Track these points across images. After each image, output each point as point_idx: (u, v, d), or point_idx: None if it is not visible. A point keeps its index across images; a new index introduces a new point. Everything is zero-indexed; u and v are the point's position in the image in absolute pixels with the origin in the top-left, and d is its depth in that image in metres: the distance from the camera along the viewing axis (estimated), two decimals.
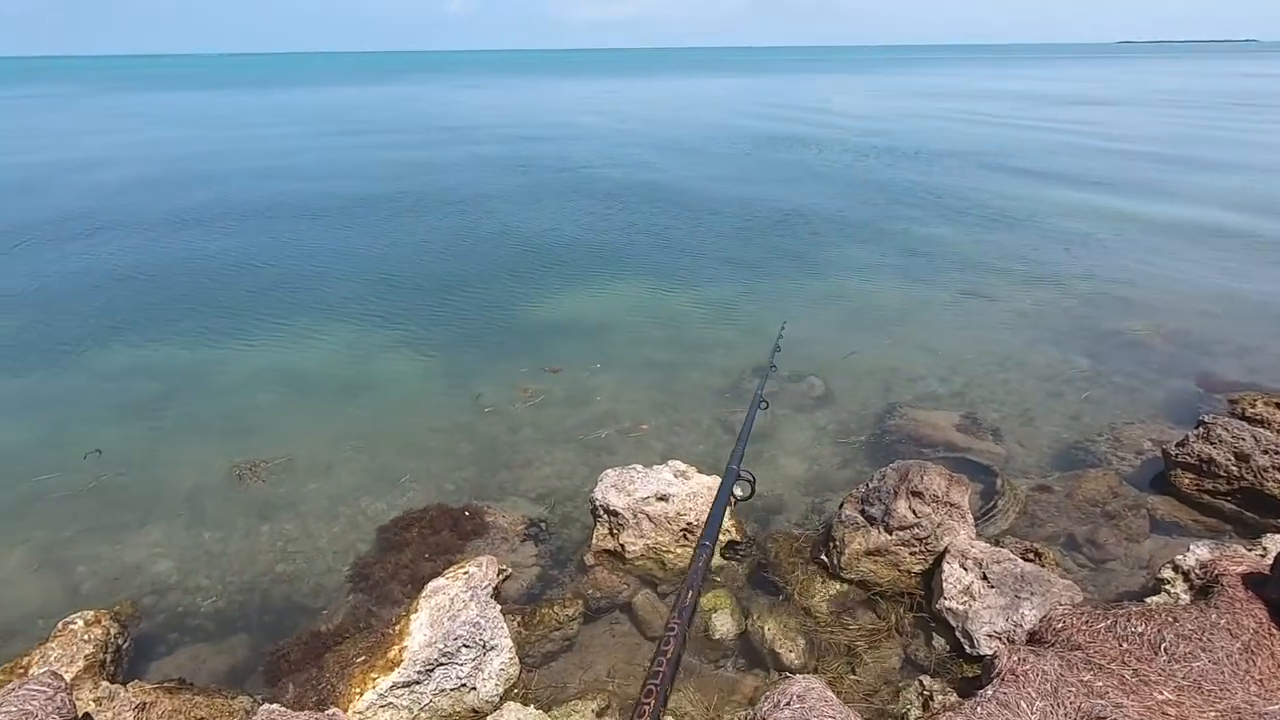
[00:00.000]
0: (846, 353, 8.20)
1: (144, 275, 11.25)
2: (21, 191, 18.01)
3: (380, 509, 5.54)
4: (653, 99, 49.06)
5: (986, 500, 5.11)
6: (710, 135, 27.63)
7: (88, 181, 19.26)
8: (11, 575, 4.85)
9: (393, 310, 9.67)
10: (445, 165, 21.44)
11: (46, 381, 7.71)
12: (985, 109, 37.34)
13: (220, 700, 3.63)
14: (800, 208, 15.14)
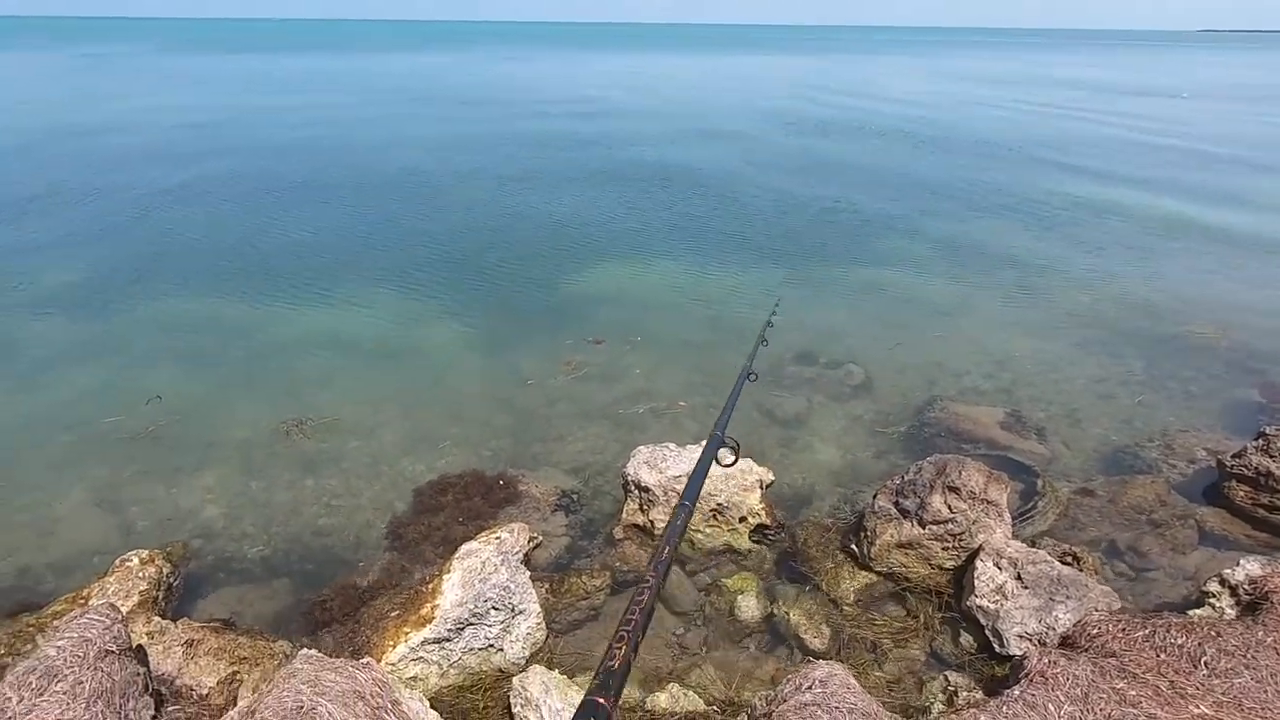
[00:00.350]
0: (890, 344, 8.04)
1: (202, 234, 11.64)
2: (86, 146, 18.73)
3: (418, 471, 5.69)
4: (695, 78, 48.32)
5: (1026, 500, 4.99)
6: (754, 117, 27.13)
7: (151, 141, 19.92)
8: (73, 511, 5.13)
9: (437, 280, 9.82)
10: (490, 138, 21.53)
11: (110, 328, 8.08)
12: (1050, 98, 35.79)
13: (262, 643, 3.81)
14: (848, 196, 14.79)
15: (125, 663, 3.13)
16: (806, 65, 62.03)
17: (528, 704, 3.17)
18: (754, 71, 52.41)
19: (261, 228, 12.02)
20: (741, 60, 66.47)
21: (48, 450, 5.77)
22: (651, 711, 3.32)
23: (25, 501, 5.17)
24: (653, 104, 30.63)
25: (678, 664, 3.87)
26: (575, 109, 28.44)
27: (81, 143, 19.31)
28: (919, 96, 35.92)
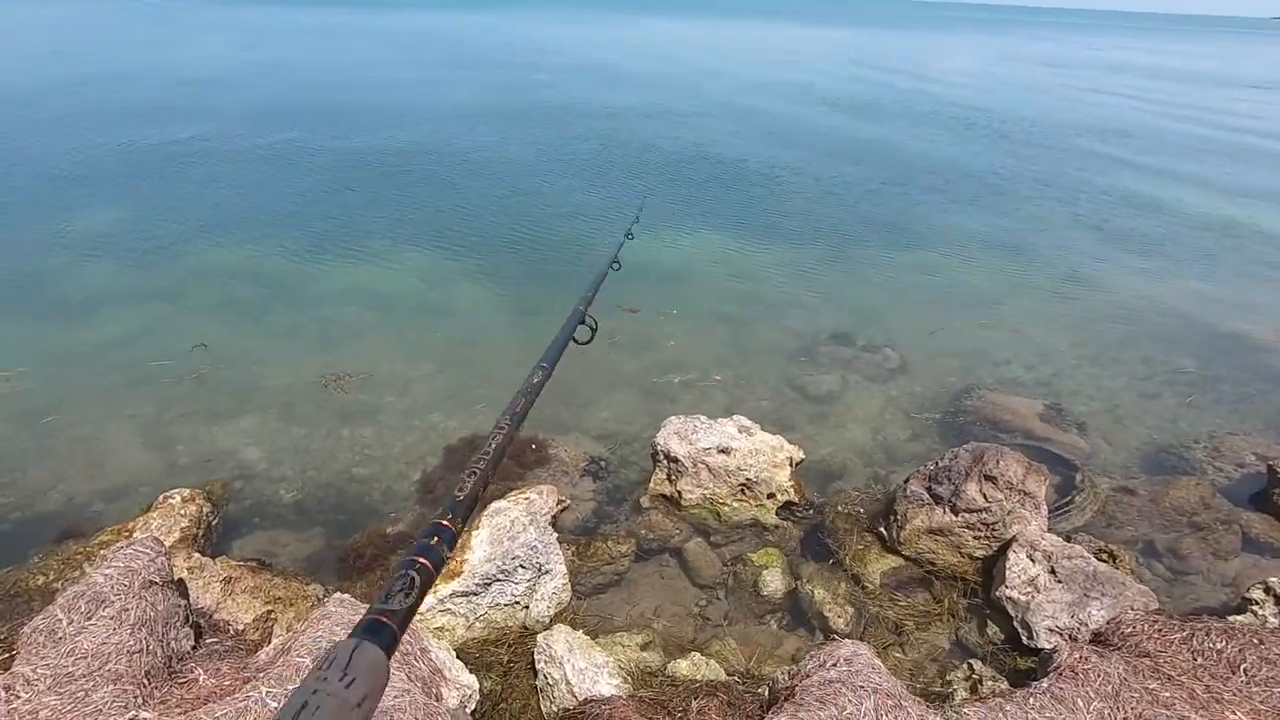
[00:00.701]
0: (931, 328, 7.86)
1: (247, 187, 11.78)
2: (125, 96, 19.01)
3: (450, 428, 5.76)
4: (734, 48, 47.14)
5: (1063, 494, 4.88)
6: (794, 91, 26.41)
7: (200, 95, 20.13)
8: (120, 446, 5.31)
9: (472, 242, 9.82)
10: (521, 105, 21.33)
11: (158, 274, 8.26)
12: (1113, 85, 34.22)
13: (296, 584, 3.92)
14: (893, 177, 14.38)
15: (167, 594, 3.24)
16: (848, 38, 60.06)
17: (552, 660, 3.22)
18: (793, 43, 50.96)
19: (304, 184, 12.12)
20: (780, 30, 64.64)
21: (98, 387, 5.96)
22: (672, 677, 3.35)
23: (76, 434, 5.36)
24: (688, 74, 30.01)
25: (699, 634, 3.90)
26: (610, 79, 28.00)
27: (120, 93, 19.59)
28: (970, 77, 34.65)
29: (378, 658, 0.60)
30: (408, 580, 0.73)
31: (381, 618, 0.66)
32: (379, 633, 0.63)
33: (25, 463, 5.02)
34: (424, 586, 0.73)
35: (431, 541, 0.81)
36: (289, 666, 2.73)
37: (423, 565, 0.76)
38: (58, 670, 2.70)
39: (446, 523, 0.85)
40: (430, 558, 0.78)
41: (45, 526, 4.47)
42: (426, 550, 0.79)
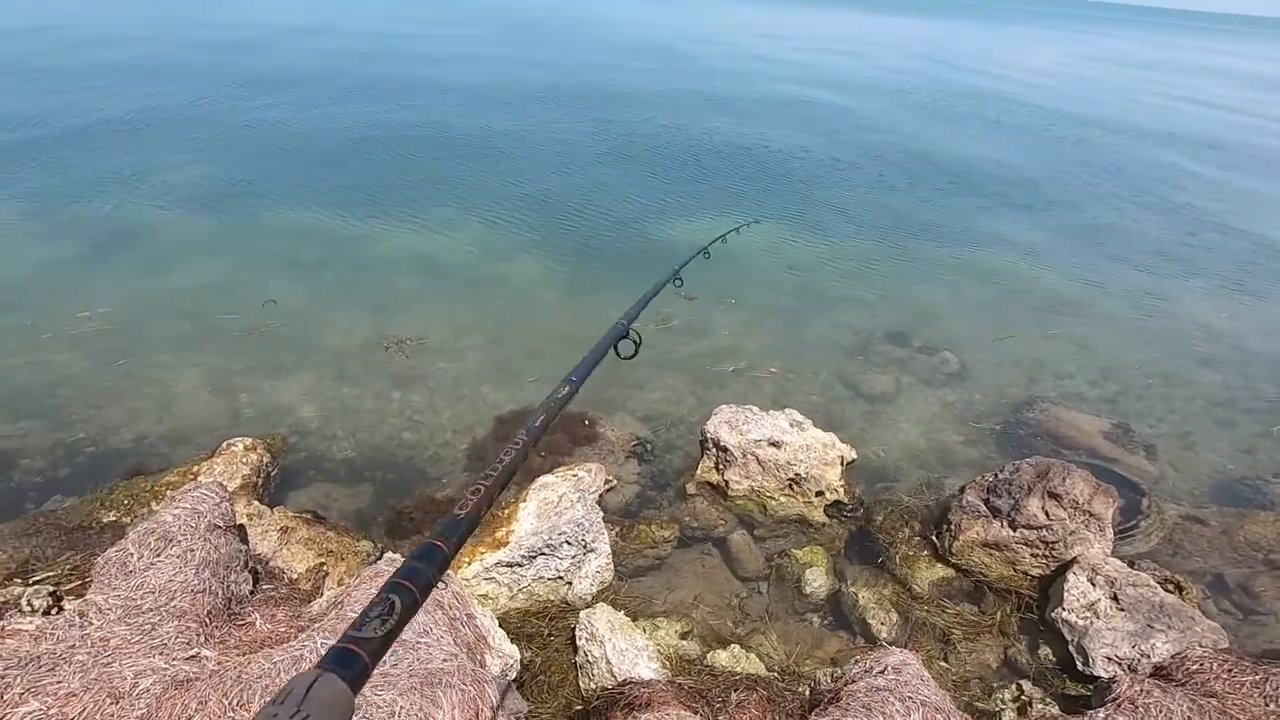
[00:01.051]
0: (995, 334, 7.59)
1: (318, 151, 12.03)
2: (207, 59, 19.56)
3: (498, 400, 5.81)
4: (810, 34, 45.95)
5: (1127, 518, 4.67)
6: (863, 83, 25.64)
7: (278, 61, 20.60)
8: (188, 392, 5.51)
9: (532, 217, 9.84)
10: (593, 83, 21.22)
11: (229, 229, 8.52)
12: (1209, 92, 32.31)
13: (348, 539, 4.02)
14: (971, 172, 13.87)
15: (229, 538, 3.35)
16: (921, 29, 57.96)
17: (593, 638, 3.23)
18: (864, 33, 49.45)
19: (373, 152, 12.29)
20: (850, 18, 62.77)
21: (170, 334, 6.18)
22: (711, 667, 3.33)
23: (148, 377, 5.58)
24: (751, 60, 29.41)
25: (738, 627, 3.87)
26: (674, 63, 27.63)
27: (202, 56, 20.15)
28: (1052, 76, 33.11)
29: (340, 692, 0.57)
30: (388, 605, 0.68)
31: (352, 646, 0.62)
32: (347, 663, 0.60)
33: (101, 400, 5.26)
34: (405, 613, 0.69)
35: (420, 564, 0.75)
36: (342, 620, 2.80)
37: (407, 589, 0.71)
38: (128, 602, 2.82)
39: (440, 544, 0.79)
40: (416, 581, 0.72)
41: (116, 462, 4.68)
42: (413, 573, 0.74)
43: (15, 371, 5.46)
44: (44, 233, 7.91)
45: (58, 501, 4.22)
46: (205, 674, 2.53)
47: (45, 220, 8.21)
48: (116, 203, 8.87)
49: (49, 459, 4.69)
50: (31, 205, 8.53)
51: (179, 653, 2.62)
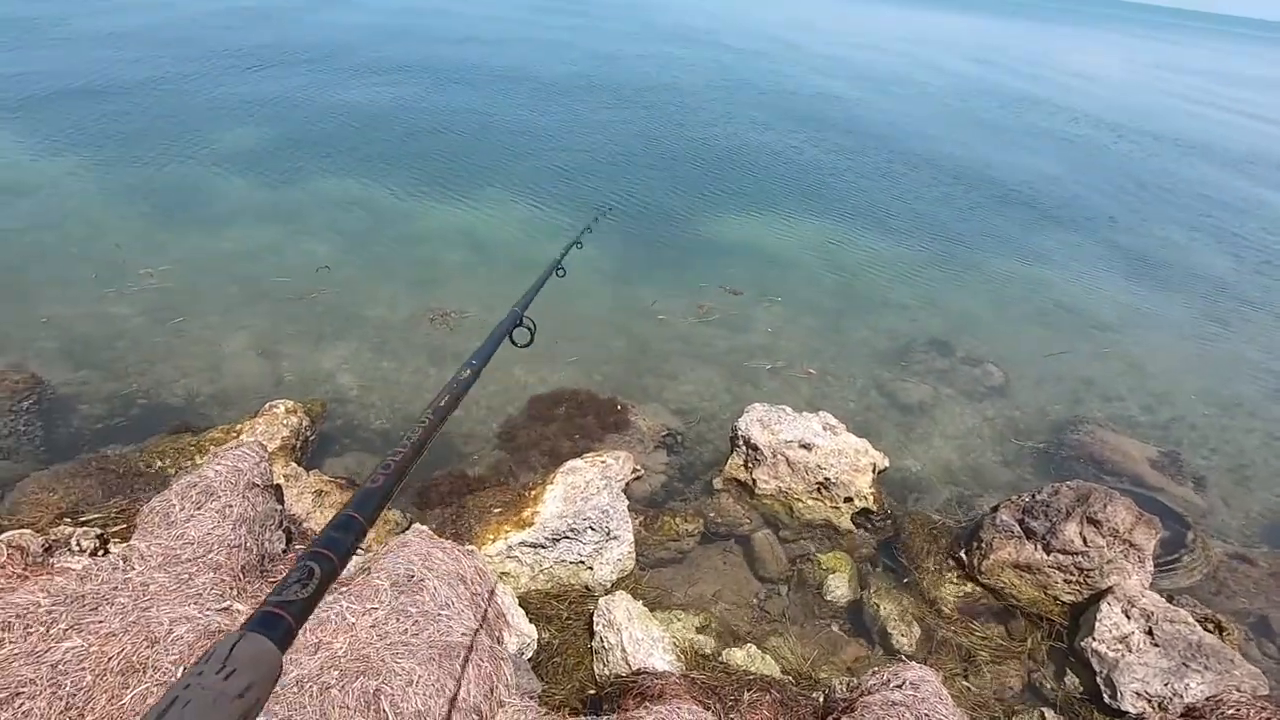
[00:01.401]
0: (1046, 349, 7.36)
1: (375, 125, 12.22)
2: (276, 31, 19.99)
3: (533, 380, 5.86)
4: (860, 31, 44.84)
5: (1169, 550, 4.50)
6: (924, 82, 24.93)
7: (340, 35, 20.96)
8: (235, 352, 5.69)
9: (580, 200, 9.85)
10: (639, 69, 21.09)
11: (285, 196, 8.73)
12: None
13: None
14: (1030, 183, 13.41)
15: (266, 497, 3.46)
16: (988, 28, 56.06)
17: (610, 626, 3.25)
18: (926, 30, 48.04)
19: (428, 129, 12.45)
20: (911, 14, 60.99)
21: (223, 295, 6.38)
22: (725, 664, 3.32)
23: (198, 336, 5.77)
24: (809, 57, 28.83)
25: (756, 626, 3.85)
26: (734, 59, 27.25)
27: (268, 26, 20.59)
28: (1122, 84, 31.75)
29: (265, 649, 0.58)
30: (306, 571, 0.69)
31: (275, 610, 0.63)
32: (270, 625, 0.61)
33: (156, 356, 5.46)
34: (325, 579, 0.70)
35: (338, 534, 0.78)
36: (368, 586, 2.86)
37: (326, 557, 0.73)
38: (168, 551, 2.93)
39: (357, 515, 0.82)
40: (335, 550, 0.74)
41: (166, 416, 4.86)
42: (332, 543, 0.76)
43: (78, 322, 5.70)
44: (112, 190, 8.21)
45: (111, 449, 4.41)
46: (236, 626, 2.62)
47: (113, 178, 8.52)
48: (180, 165, 9.15)
49: (105, 408, 4.90)
50: (101, 164, 8.86)
51: (213, 604, 2.71)
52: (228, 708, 0.50)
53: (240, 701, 0.52)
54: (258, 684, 0.54)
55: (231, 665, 0.54)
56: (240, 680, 0.53)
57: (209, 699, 0.50)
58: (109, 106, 10.86)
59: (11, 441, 4.39)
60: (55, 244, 6.84)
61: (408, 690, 2.39)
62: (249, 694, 0.53)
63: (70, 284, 6.19)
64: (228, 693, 0.52)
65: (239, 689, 0.52)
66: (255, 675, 0.54)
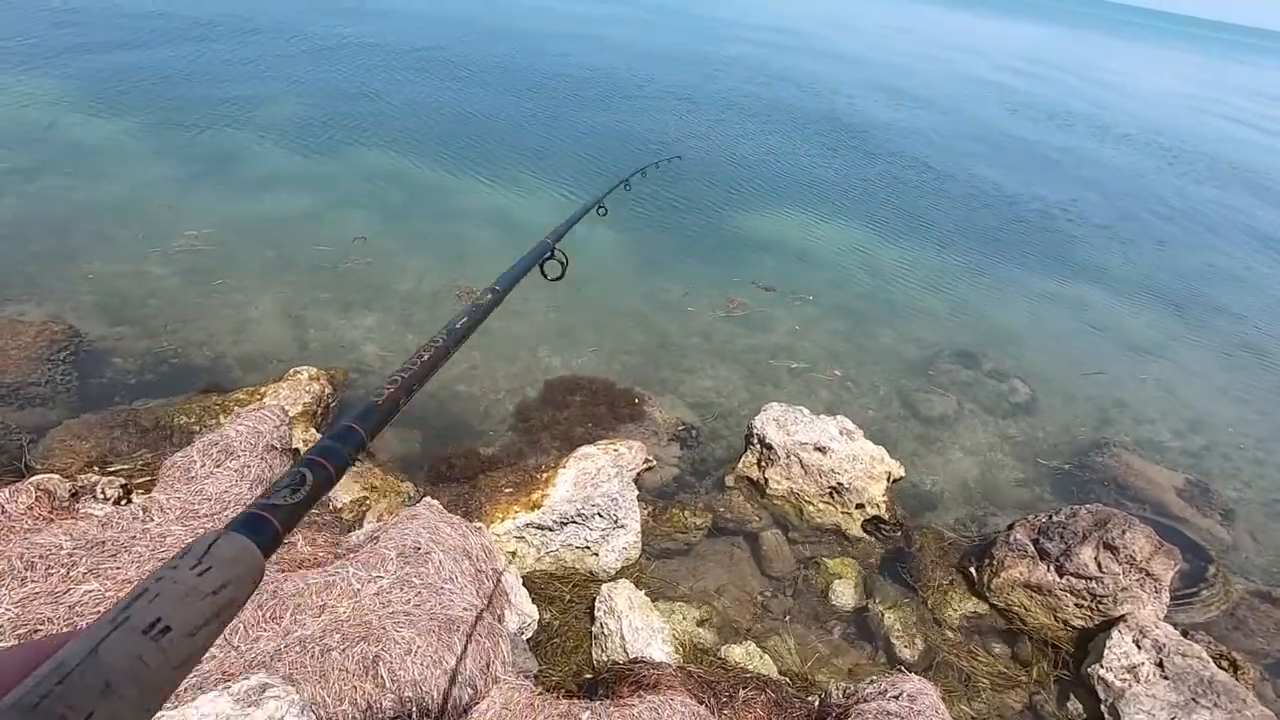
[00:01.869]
0: (1077, 368, 7.20)
1: (415, 104, 12.31)
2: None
3: (554, 364, 5.89)
4: (922, 33, 43.90)
5: (1188, 583, 4.39)
6: (972, 89, 24.36)
7: (391, 20, 21.12)
8: (264, 318, 5.80)
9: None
10: (685, 57, 20.91)
11: (323, 166, 8.85)
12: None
13: (392, 479, 4.17)
14: (1078, 198, 13.03)
15: (284, 460, 3.53)
16: (1040, 36, 54.54)
17: (611, 613, 3.27)
18: (978, 36, 46.88)
19: (467, 109, 12.50)
20: (963, 19, 59.51)
21: (256, 260, 6.51)
22: (723, 660, 3.33)
23: (230, 299, 5.90)
24: (861, 55, 28.34)
25: (757, 624, 3.84)
26: (780, 48, 26.91)
27: None
28: (1184, 103, 30.72)
29: (246, 548, 0.54)
30: (299, 478, 0.66)
31: (261, 512, 0.60)
32: (254, 527, 0.57)
33: (188, 315, 5.59)
34: (318, 488, 0.67)
35: (336, 444, 0.74)
36: (375, 555, 2.91)
37: (320, 465, 0.69)
38: (186, 505, 3.01)
39: (357, 427, 0.78)
40: (331, 459, 0.71)
41: (194, 375, 4.98)
42: (328, 452, 0.72)
43: (117, 279, 5.85)
44: (161, 152, 8.40)
45: (140, 403, 4.53)
46: None
47: (162, 141, 8.71)
48: (228, 131, 9.33)
49: (137, 363, 5.03)
50: (151, 127, 9.06)
51: None
52: (199, 604, 0.47)
53: (214, 599, 0.49)
54: (234, 584, 0.51)
55: (208, 562, 0.51)
56: (215, 577, 0.50)
57: (179, 592, 0.47)
58: (163, 71, 11.09)
59: (48, 390, 4.54)
60: (103, 202, 7.02)
61: (406, 659, 2.43)
62: (223, 592, 0.50)
63: (113, 241, 6.35)
64: (200, 588, 0.49)
65: (213, 585, 0.49)
66: (232, 574, 0.51)
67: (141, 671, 0.42)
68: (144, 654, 0.42)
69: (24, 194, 6.87)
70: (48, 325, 4.94)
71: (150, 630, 0.43)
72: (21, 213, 6.55)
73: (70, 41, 11.58)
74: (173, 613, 0.45)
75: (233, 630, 2.43)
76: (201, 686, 2.16)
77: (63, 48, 11.26)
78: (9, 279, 5.58)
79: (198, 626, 0.46)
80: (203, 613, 0.47)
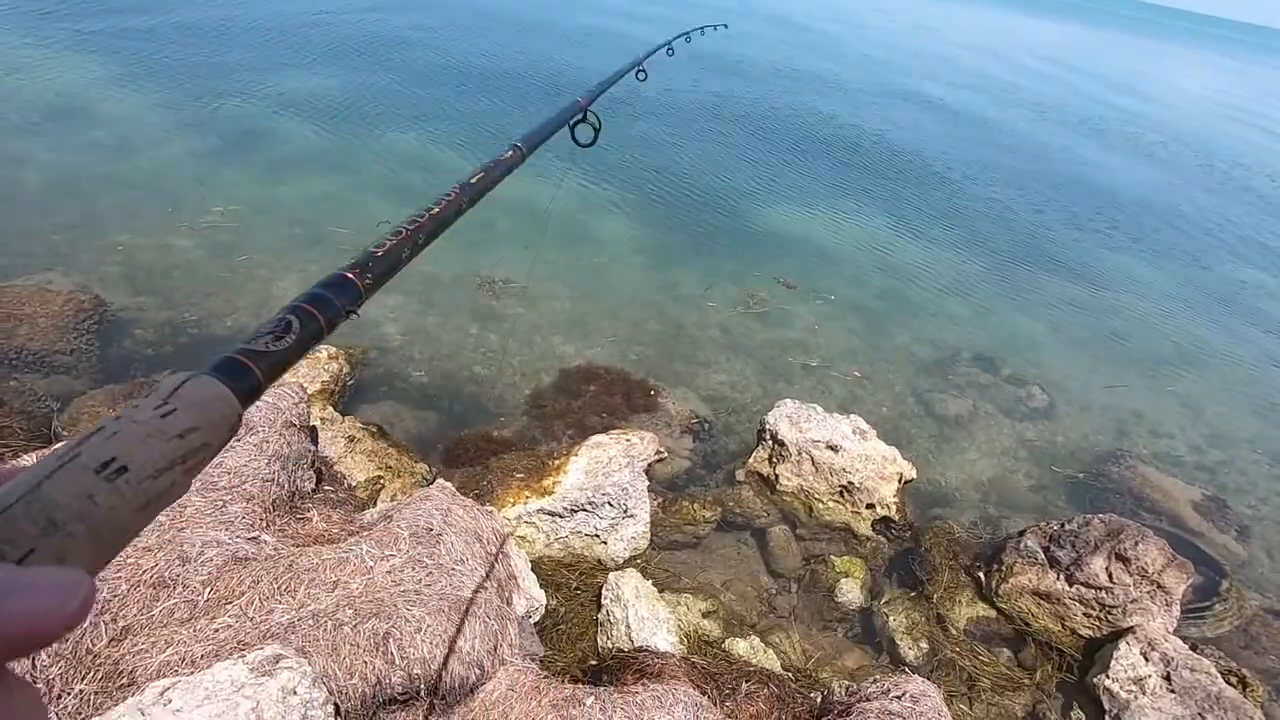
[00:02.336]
0: (1096, 377, 7.12)
1: (447, 81, 12.33)
2: None
3: (569, 352, 5.91)
4: (956, 29, 43.18)
5: (1200, 597, 4.35)
6: (1011, 89, 23.96)
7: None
8: (287, 294, 5.82)
9: (638, 184, 9.79)
10: (719, 54, 20.73)
11: (348, 147, 8.89)
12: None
13: (407, 459, 4.22)
14: (1108, 205, 12.79)
15: (301, 437, 3.58)
16: (1070, 36, 53.45)
17: (617, 601, 3.30)
18: (1006, 34, 46.01)
19: (495, 94, 12.50)
20: (994, 15, 58.43)
21: (279, 237, 6.57)
22: (727, 653, 3.35)
23: (253, 273, 5.97)
24: (893, 51, 27.94)
25: (762, 619, 3.86)
26: (804, 46, 26.59)
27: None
28: (1223, 109, 30.04)
29: (221, 393, 0.49)
30: (284, 325, 0.59)
31: (239, 357, 0.53)
32: (232, 372, 0.51)
33: (211, 289, 5.67)
34: (305, 339, 0.60)
35: (328, 292, 0.66)
36: (388, 533, 2.96)
37: (309, 313, 0.62)
38: (205, 477, 3.07)
39: (353, 276, 0.70)
40: (321, 309, 0.64)
41: (214, 348, 5.05)
42: (318, 300, 0.64)
43: (143, 250, 5.93)
44: (190, 127, 8.48)
45: (162, 374, 4.61)
46: (261, 556, 2.74)
47: (192, 116, 8.80)
48: (257, 108, 9.39)
49: (158, 334, 5.11)
50: (181, 101, 9.15)
51: (243, 532, 2.84)
52: (161, 446, 0.43)
53: (179, 442, 0.44)
54: (204, 430, 0.46)
55: (174, 403, 0.46)
56: (181, 420, 0.45)
57: (139, 432, 0.43)
58: (196, 46, 11.18)
59: (73, 359, 4.63)
60: (131, 175, 7.11)
61: (415, 637, 2.47)
62: (190, 436, 0.45)
63: (140, 214, 6.44)
64: (165, 430, 0.44)
65: (179, 428, 0.45)
66: (202, 420, 0.46)
67: (91, 511, 0.38)
68: (95, 493, 0.39)
69: (54, 166, 6.98)
70: (75, 295, 5.02)
71: (104, 470, 0.40)
72: (52, 184, 6.65)
73: (102, 18, 11.69)
74: (131, 453, 0.42)
75: (249, 601, 2.48)
76: (218, 654, 2.22)
77: (94, 23, 11.37)
78: (38, 248, 5.68)
79: (160, 470, 0.43)
80: (166, 455, 0.43)
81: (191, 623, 2.36)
